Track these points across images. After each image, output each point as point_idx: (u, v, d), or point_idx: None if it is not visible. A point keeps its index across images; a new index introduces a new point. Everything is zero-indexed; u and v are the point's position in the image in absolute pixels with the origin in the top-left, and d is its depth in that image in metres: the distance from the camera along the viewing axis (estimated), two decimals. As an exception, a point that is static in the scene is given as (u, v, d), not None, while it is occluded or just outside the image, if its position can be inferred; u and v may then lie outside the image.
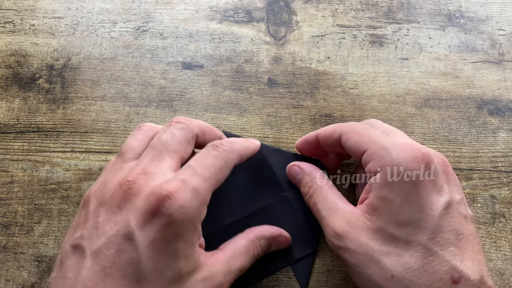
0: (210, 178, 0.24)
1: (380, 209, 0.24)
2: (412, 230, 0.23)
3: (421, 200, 0.23)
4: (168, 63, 0.37)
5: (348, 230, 0.25)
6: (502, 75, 0.37)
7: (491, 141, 0.35)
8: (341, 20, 0.40)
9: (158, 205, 0.21)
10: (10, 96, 0.36)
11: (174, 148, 0.25)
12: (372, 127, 0.27)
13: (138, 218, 0.21)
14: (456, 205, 0.24)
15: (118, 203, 0.22)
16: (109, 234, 0.21)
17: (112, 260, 0.21)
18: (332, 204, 0.27)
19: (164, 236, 0.21)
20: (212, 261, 0.24)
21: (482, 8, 0.40)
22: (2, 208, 0.32)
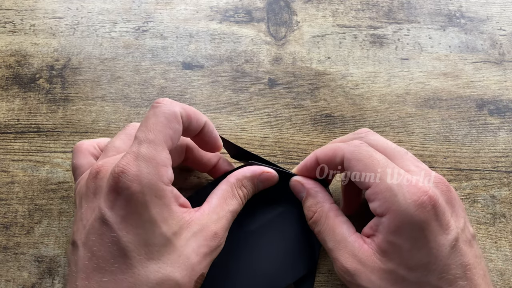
0: (156, 138, 0.23)
1: (390, 252, 0.24)
2: (422, 272, 0.23)
3: (430, 244, 0.23)
4: (168, 63, 0.37)
5: (360, 268, 0.24)
6: (502, 75, 0.37)
7: (491, 141, 0.35)
8: (342, 20, 0.40)
9: (116, 182, 0.22)
10: (10, 96, 0.36)
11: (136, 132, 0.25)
12: (375, 153, 0.25)
13: (105, 200, 0.22)
14: (462, 235, 0.24)
15: (93, 191, 0.24)
16: (90, 222, 0.23)
17: (97, 243, 0.22)
18: (340, 236, 0.25)
19: (132, 209, 0.22)
20: (199, 215, 0.24)
21: (482, 8, 0.40)
22: (2, 208, 0.32)
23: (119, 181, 0.22)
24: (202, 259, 0.24)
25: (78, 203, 0.25)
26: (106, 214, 0.22)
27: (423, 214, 0.23)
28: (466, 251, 0.23)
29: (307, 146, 0.34)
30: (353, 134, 0.29)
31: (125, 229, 0.22)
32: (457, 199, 0.25)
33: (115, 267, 0.22)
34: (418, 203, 0.23)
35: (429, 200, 0.23)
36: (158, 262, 0.22)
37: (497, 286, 0.30)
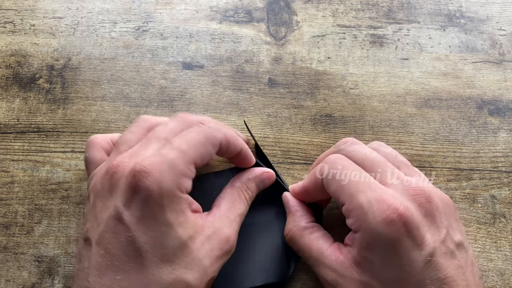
0: (188, 151, 0.24)
1: (364, 265, 0.24)
2: (396, 287, 0.23)
3: (401, 261, 0.23)
4: (168, 63, 0.37)
5: (339, 280, 0.25)
6: (502, 75, 0.37)
7: (491, 141, 0.35)
8: (342, 20, 0.40)
9: (135, 181, 0.22)
10: (10, 96, 0.36)
11: (165, 135, 0.25)
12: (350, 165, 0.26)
13: (123, 198, 0.22)
14: (441, 247, 0.23)
15: (108, 189, 0.24)
16: (105, 220, 0.23)
17: (112, 242, 0.22)
18: (316, 252, 0.26)
19: (149, 210, 0.22)
20: (211, 219, 0.25)
21: (482, 8, 0.40)
22: (2, 208, 0.32)
23: (139, 180, 0.22)
24: (214, 262, 0.24)
25: (92, 200, 0.25)
26: (122, 213, 0.22)
27: (392, 231, 0.23)
28: (444, 265, 0.23)
29: (307, 146, 0.34)
30: (334, 147, 0.29)
31: (141, 230, 0.22)
32: (439, 208, 0.24)
33: (129, 266, 0.22)
34: (387, 221, 0.23)
35: (399, 218, 0.23)
36: (172, 264, 0.22)
37: (497, 286, 0.30)
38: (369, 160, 0.26)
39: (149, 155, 0.23)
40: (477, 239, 0.31)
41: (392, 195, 0.24)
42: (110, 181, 0.24)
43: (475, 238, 0.31)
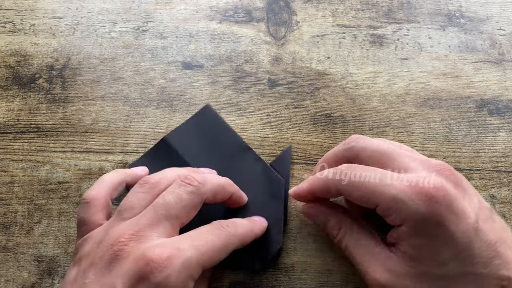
0: (205, 255, 0.23)
1: (418, 256, 0.24)
2: (456, 264, 0.23)
3: (453, 235, 0.23)
4: (168, 63, 0.37)
5: (392, 279, 0.24)
6: (502, 75, 0.37)
7: (491, 141, 0.35)
8: (341, 20, 0.40)
9: (146, 270, 0.21)
10: (10, 96, 0.36)
11: (176, 213, 0.24)
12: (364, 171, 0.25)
13: (125, 282, 0.21)
14: (480, 214, 0.24)
15: (107, 265, 0.22)
16: None
17: None
18: (367, 249, 0.25)
19: None
20: None
21: (482, 8, 0.40)
22: (2, 208, 0.32)
23: (151, 271, 0.21)
24: None
25: (84, 266, 0.23)
26: None
27: (434, 209, 0.23)
28: (490, 229, 0.23)
29: (306, 146, 0.34)
30: (343, 145, 0.28)
31: None
32: (464, 179, 0.25)
33: None
34: (426, 200, 0.23)
35: (435, 194, 0.23)
36: None
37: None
38: (382, 152, 0.26)
39: (163, 243, 0.22)
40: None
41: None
42: (112, 257, 0.22)
43: (474, 238, 0.31)
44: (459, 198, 0.23)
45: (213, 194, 0.26)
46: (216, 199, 0.27)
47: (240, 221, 0.27)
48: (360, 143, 0.27)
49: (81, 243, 0.25)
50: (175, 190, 0.25)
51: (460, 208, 0.23)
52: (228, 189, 0.28)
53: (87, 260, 0.23)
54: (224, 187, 0.27)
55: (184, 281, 0.22)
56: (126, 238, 0.23)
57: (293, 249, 0.30)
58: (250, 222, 0.27)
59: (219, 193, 0.27)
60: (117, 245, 0.22)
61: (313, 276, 0.30)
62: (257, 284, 0.29)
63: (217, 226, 0.25)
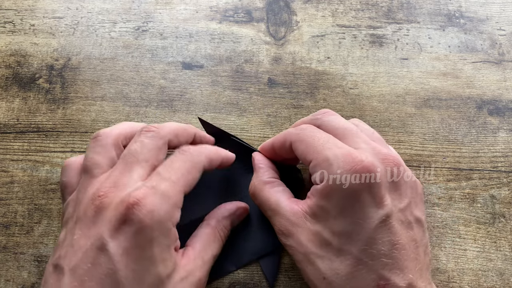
0: (179, 181, 0.24)
1: (318, 215, 0.24)
2: (345, 240, 0.23)
3: (357, 215, 0.23)
4: (168, 63, 0.37)
5: (291, 229, 0.25)
6: (502, 75, 0.37)
7: (491, 141, 0.35)
8: (341, 20, 0.40)
9: (127, 213, 0.22)
10: (10, 96, 0.36)
11: (145, 157, 0.25)
12: (319, 132, 0.26)
13: (110, 229, 0.22)
14: (398, 213, 0.24)
15: (91, 218, 0.23)
16: (85, 249, 0.22)
17: (89, 273, 0.21)
18: (274, 204, 0.27)
19: (137, 243, 0.22)
20: (186, 260, 0.25)
21: (482, 8, 0.40)
22: (2, 208, 0.32)
23: (132, 212, 0.22)
24: None
25: (70, 226, 0.24)
26: (107, 243, 0.21)
27: (355, 184, 0.23)
28: (399, 231, 0.23)
29: (306, 146, 0.34)
30: (312, 115, 0.29)
31: (124, 262, 0.21)
32: (406, 180, 0.25)
33: None
34: (351, 171, 0.23)
35: (363, 170, 0.23)
36: None
37: (496, 286, 0.30)
38: (341, 129, 0.27)
39: (139, 186, 0.23)
40: (477, 239, 0.31)
41: (360, 152, 0.24)
42: (95, 210, 0.23)
43: (474, 238, 0.31)
44: (386, 188, 0.24)
45: (174, 135, 0.27)
46: (180, 141, 0.27)
47: (204, 145, 0.28)
48: (325, 118, 0.28)
49: (65, 207, 0.26)
50: (137, 139, 0.26)
51: (380, 195, 0.23)
52: (189, 130, 0.29)
53: (72, 220, 0.24)
54: (184, 128, 0.28)
55: (168, 211, 0.23)
56: (104, 191, 0.23)
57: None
58: (215, 147, 0.28)
59: (180, 135, 0.27)
60: (97, 199, 0.23)
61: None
62: (257, 284, 0.29)
63: (179, 152, 0.26)
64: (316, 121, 0.28)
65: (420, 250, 0.24)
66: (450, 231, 0.31)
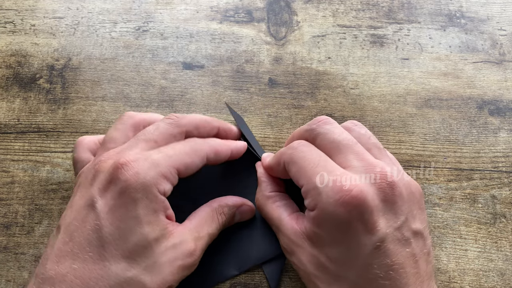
0: (173, 156, 0.25)
1: (314, 240, 0.25)
2: (340, 267, 0.23)
3: (350, 242, 0.23)
4: (168, 63, 0.37)
5: (293, 248, 0.26)
6: (503, 75, 0.37)
7: (491, 141, 0.35)
8: (342, 20, 0.40)
9: (115, 172, 0.23)
10: (10, 96, 0.36)
11: (154, 137, 0.26)
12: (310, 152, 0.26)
13: (100, 187, 0.23)
14: (395, 232, 0.23)
15: (89, 181, 0.24)
16: (78, 207, 0.23)
17: (78, 229, 0.22)
18: (276, 221, 0.27)
19: (122, 201, 0.23)
20: (181, 229, 0.25)
21: (482, 8, 0.40)
22: (2, 209, 0.32)
23: (118, 171, 0.23)
24: (175, 272, 0.24)
25: (74, 192, 0.25)
26: (96, 201, 0.23)
27: (343, 213, 0.23)
28: (395, 251, 0.23)
29: (307, 146, 0.34)
30: (307, 125, 0.28)
31: (109, 219, 0.22)
32: (402, 195, 0.24)
33: (88, 255, 0.22)
34: (339, 202, 0.23)
35: (351, 200, 0.23)
36: (131, 262, 0.22)
37: (497, 286, 0.30)
38: (336, 143, 0.26)
39: (135, 153, 0.24)
40: (478, 239, 0.31)
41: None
42: (93, 173, 0.24)
43: (475, 238, 0.31)
44: (378, 211, 0.23)
45: (195, 127, 0.28)
46: (201, 133, 0.28)
47: (213, 138, 0.28)
48: (320, 129, 0.27)
49: (76, 179, 0.27)
50: (156, 123, 0.27)
51: (372, 221, 0.23)
52: (212, 123, 0.29)
53: (76, 187, 0.25)
54: (207, 121, 0.29)
55: (154, 177, 0.23)
56: (105, 157, 0.25)
57: (294, 250, 0.30)
58: (224, 140, 0.29)
59: (201, 127, 0.28)
60: (97, 164, 0.25)
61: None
62: (258, 284, 0.29)
63: (185, 140, 0.27)
64: (311, 133, 0.27)
65: (421, 262, 0.24)
66: (451, 231, 0.31)
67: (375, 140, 0.28)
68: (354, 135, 0.27)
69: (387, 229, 0.23)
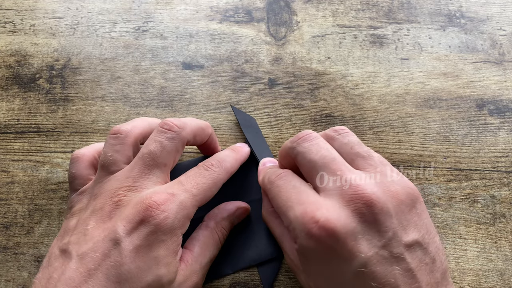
0: (197, 195, 0.25)
1: (304, 269, 0.25)
2: None
3: (332, 272, 0.22)
4: (168, 63, 0.37)
5: (293, 267, 0.26)
6: (502, 75, 0.37)
7: (491, 141, 0.35)
8: (342, 20, 0.40)
9: (146, 214, 0.23)
10: (10, 96, 0.36)
11: (164, 161, 0.26)
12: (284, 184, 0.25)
13: (126, 225, 0.23)
14: (381, 251, 0.22)
15: (108, 213, 0.24)
16: (97, 239, 0.23)
17: (97, 262, 0.22)
18: (279, 238, 0.27)
19: (148, 242, 0.23)
20: (183, 265, 0.25)
21: (482, 8, 0.40)
22: (2, 208, 0.32)
23: (151, 214, 0.23)
24: None
25: (82, 217, 0.25)
26: (121, 238, 0.22)
27: (316, 245, 0.22)
28: (382, 273, 0.21)
29: (307, 146, 0.34)
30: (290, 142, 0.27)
31: (132, 257, 0.22)
32: (386, 209, 0.22)
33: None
34: (309, 235, 0.22)
35: (320, 231, 0.22)
36: None
37: (497, 286, 0.30)
38: (313, 163, 0.25)
39: (159, 190, 0.24)
40: (477, 239, 0.31)
41: (318, 205, 0.23)
42: (113, 206, 0.24)
43: (475, 238, 0.31)
44: (354, 235, 0.21)
45: (193, 136, 0.28)
46: (196, 141, 0.29)
47: (225, 155, 0.29)
48: (299, 147, 0.26)
49: (77, 198, 0.27)
50: (157, 138, 0.26)
51: (348, 248, 0.21)
52: (207, 130, 0.29)
53: (87, 211, 0.25)
54: (203, 128, 0.29)
55: (181, 220, 0.24)
56: (124, 190, 0.25)
57: (294, 250, 0.31)
58: (233, 153, 0.29)
59: (198, 135, 0.28)
60: (116, 196, 0.24)
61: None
62: (257, 284, 0.29)
63: (204, 167, 0.27)
64: (292, 152, 0.26)
65: (421, 274, 0.22)
66: (451, 231, 0.31)
67: (359, 148, 0.26)
68: (336, 145, 0.26)
69: (370, 251, 0.21)
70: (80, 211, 0.26)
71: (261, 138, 0.33)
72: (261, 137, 0.34)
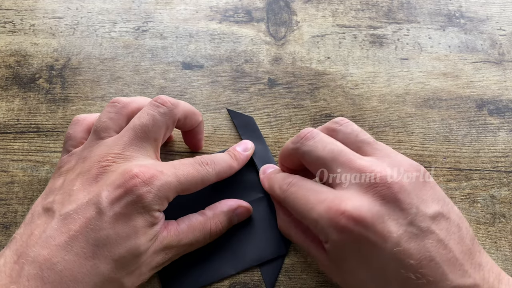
0: (183, 184, 0.26)
1: (340, 269, 0.24)
2: (372, 284, 0.23)
3: (370, 261, 0.22)
4: (168, 63, 0.37)
5: (327, 272, 0.26)
6: (502, 75, 0.37)
7: (491, 141, 0.35)
8: (341, 20, 0.40)
9: (131, 183, 0.24)
10: (10, 96, 0.36)
11: (154, 135, 0.27)
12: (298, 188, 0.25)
13: (110, 191, 0.23)
14: (409, 229, 0.22)
15: (94, 176, 0.25)
16: (81, 202, 0.23)
17: (78, 224, 0.23)
18: (306, 249, 0.27)
19: (128, 211, 0.23)
20: (165, 233, 0.26)
21: (482, 8, 0.40)
22: (2, 208, 0.32)
23: (135, 185, 0.23)
24: (151, 272, 0.26)
25: (69, 177, 0.25)
26: (103, 203, 0.23)
27: (348, 236, 0.22)
28: (416, 249, 0.22)
29: (306, 146, 0.34)
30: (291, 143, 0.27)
31: (111, 224, 0.23)
32: (404, 187, 0.23)
33: (82, 251, 0.22)
34: (339, 228, 0.22)
35: (348, 221, 0.22)
36: (118, 266, 0.23)
37: None
38: (321, 160, 0.25)
39: (150, 165, 0.25)
40: (477, 239, 0.31)
41: (340, 199, 0.23)
42: (100, 170, 0.25)
43: (474, 238, 0.31)
44: (381, 217, 0.22)
45: (184, 116, 0.28)
46: (186, 123, 0.29)
47: (222, 159, 0.29)
48: (304, 147, 0.26)
49: (67, 159, 0.27)
50: (150, 112, 0.27)
51: (379, 231, 0.22)
52: (198, 116, 0.30)
53: (74, 173, 0.26)
54: (195, 113, 0.30)
55: (160, 199, 0.24)
56: (113, 156, 0.25)
57: (293, 250, 0.30)
58: (231, 160, 0.30)
59: (189, 117, 0.29)
60: (105, 161, 0.25)
61: (313, 276, 0.30)
62: (257, 284, 0.29)
63: (199, 162, 0.27)
64: (297, 152, 0.26)
65: (452, 243, 0.22)
66: (450, 231, 0.31)
67: (364, 135, 0.26)
68: (340, 137, 0.26)
69: (399, 230, 0.22)
70: (67, 172, 0.26)
71: (260, 139, 0.33)
72: (261, 137, 0.34)
